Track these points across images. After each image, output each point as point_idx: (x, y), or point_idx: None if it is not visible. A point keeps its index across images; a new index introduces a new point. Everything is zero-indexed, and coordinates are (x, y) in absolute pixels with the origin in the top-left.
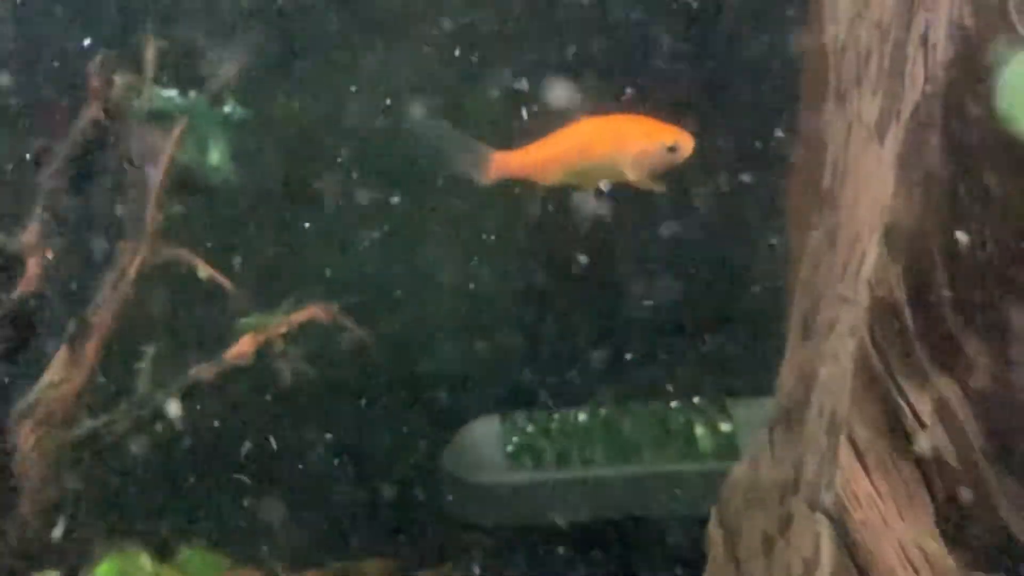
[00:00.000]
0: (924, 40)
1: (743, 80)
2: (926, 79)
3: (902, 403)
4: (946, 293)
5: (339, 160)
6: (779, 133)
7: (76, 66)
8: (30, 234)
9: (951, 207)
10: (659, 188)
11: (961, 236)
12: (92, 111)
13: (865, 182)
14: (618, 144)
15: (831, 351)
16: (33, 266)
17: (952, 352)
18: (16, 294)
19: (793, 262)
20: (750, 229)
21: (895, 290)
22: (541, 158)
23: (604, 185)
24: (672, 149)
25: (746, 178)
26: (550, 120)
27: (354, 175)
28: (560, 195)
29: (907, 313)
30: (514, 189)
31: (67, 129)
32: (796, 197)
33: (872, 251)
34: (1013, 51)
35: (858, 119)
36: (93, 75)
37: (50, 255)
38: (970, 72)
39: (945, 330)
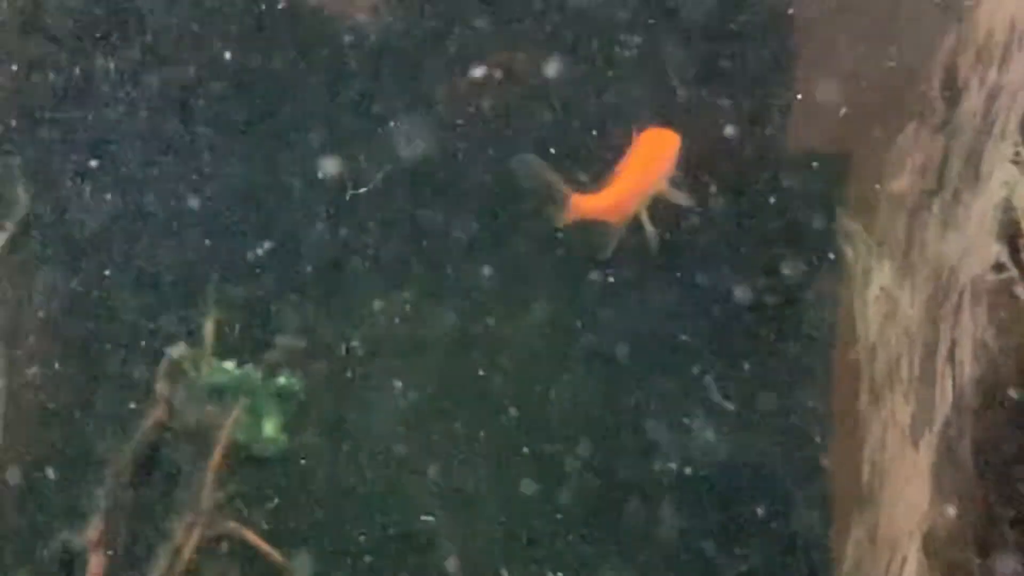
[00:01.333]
0: (951, 355)
1: None
2: (955, 394)
3: None
4: None
5: None
6: None
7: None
8: (93, 531)
9: (986, 517)
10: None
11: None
12: (157, 414)
13: (903, 486)
14: (662, 162)
15: None
16: (96, 561)
17: None
18: None
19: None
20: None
21: None
22: (614, 202)
23: None
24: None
25: None
26: None
27: None
28: None
29: None
30: None
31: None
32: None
33: (912, 557)
34: None
35: (892, 420)
36: (159, 379)
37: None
38: (993, 387)
39: None
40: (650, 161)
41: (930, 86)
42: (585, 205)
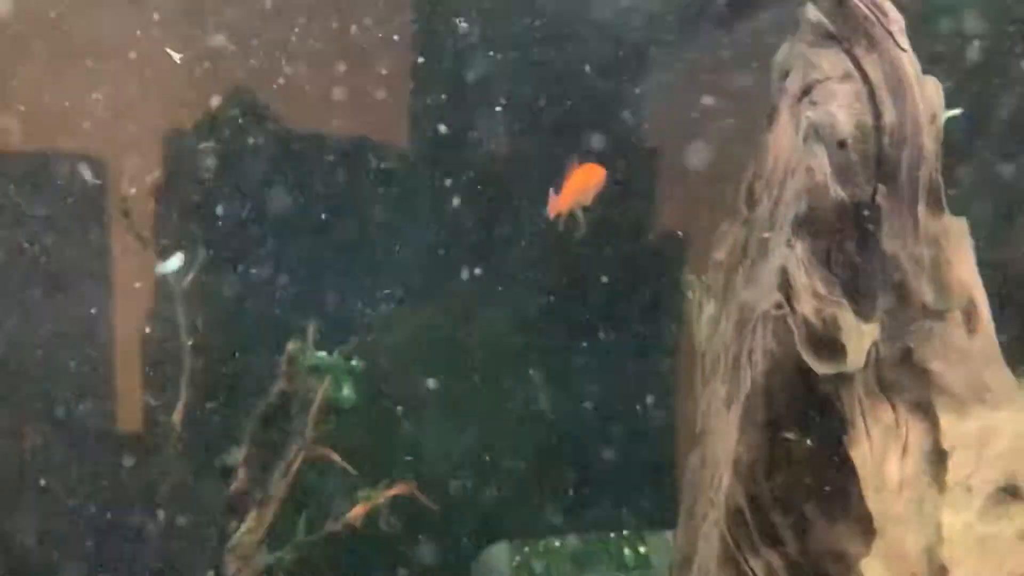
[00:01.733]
0: (750, 357)
1: None
2: (752, 380)
3: (747, 568)
4: (769, 502)
5: None
6: None
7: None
8: (241, 454)
9: (769, 454)
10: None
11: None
12: (281, 385)
13: (721, 433)
14: (590, 182)
15: (705, 533)
16: (242, 475)
17: (774, 536)
18: (232, 489)
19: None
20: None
21: (739, 500)
22: (567, 199)
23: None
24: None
25: None
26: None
27: None
28: None
29: (747, 514)
30: None
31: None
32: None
33: (726, 476)
34: None
35: (716, 394)
36: (285, 362)
37: None
38: (774, 377)
39: (770, 523)
40: (583, 179)
41: (738, 196)
42: (557, 204)
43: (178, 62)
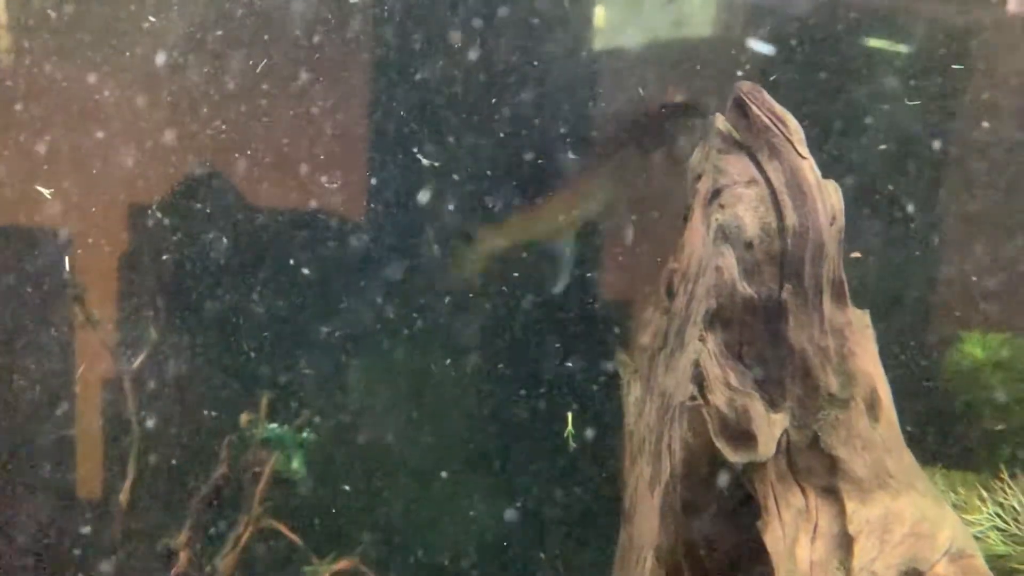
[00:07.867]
0: (670, 444)
1: None
2: (671, 466)
3: None
4: None
5: None
6: None
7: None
8: (183, 537)
9: (688, 537)
10: None
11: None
12: (221, 469)
13: (646, 515)
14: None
15: None
16: (184, 556)
17: None
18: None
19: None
20: None
21: None
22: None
23: None
24: None
25: None
26: None
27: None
28: None
29: None
30: None
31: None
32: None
33: (649, 558)
34: None
35: (642, 476)
36: (223, 450)
37: None
38: (691, 465)
39: None
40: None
41: (659, 289)
42: None
43: (48, 197)
